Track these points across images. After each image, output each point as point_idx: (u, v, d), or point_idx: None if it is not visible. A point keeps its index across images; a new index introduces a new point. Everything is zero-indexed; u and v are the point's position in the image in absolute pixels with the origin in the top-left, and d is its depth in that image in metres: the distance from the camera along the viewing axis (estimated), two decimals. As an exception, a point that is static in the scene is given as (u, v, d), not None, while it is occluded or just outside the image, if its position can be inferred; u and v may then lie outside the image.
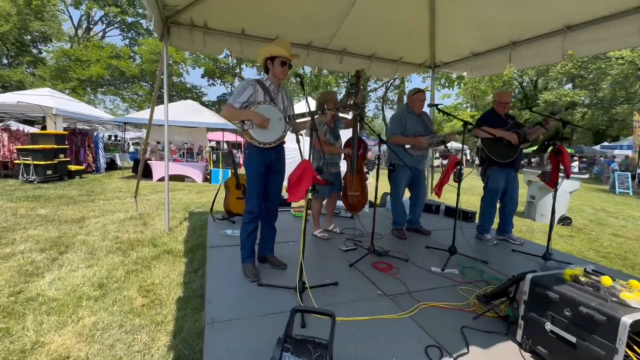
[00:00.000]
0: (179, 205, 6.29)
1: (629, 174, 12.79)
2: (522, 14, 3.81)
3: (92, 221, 4.76)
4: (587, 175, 10.47)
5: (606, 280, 1.46)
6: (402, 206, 3.57)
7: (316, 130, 2.18)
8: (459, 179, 2.85)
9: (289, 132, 2.42)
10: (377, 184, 2.83)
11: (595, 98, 24.37)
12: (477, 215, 3.87)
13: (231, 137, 17.49)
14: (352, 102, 2.76)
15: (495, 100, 3.47)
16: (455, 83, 21.06)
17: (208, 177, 10.54)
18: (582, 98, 24.04)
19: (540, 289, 1.62)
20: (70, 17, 32.32)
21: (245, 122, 2.28)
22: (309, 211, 3.39)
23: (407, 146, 3.34)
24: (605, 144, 22.05)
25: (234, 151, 5.78)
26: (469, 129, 2.90)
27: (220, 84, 30.58)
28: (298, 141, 2.13)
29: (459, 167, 2.87)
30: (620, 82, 20.42)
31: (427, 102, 3.40)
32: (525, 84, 30.66)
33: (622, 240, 5.13)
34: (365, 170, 3.33)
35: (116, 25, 29.57)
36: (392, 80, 27.39)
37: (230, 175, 4.06)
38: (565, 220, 5.88)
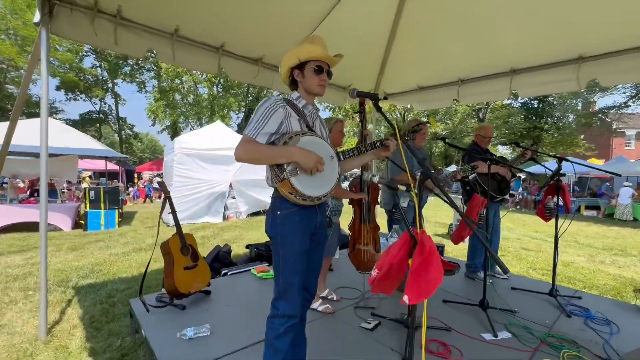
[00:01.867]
0: (49, 276, 4.12)
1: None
2: (472, 56, 4.05)
3: None
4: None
5: None
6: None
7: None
8: (485, 224, 2.53)
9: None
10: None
11: (446, 130, 30.85)
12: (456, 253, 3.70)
13: (113, 168, 13.94)
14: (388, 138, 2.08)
15: (478, 134, 3.43)
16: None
17: (81, 221, 7.76)
18: (442, 131, 29.96)
19: None
20: None
21: (286, 167, 1.35)
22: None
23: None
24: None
25: (159, 180, 4.24)
26: (488, 162, 2.66)
27: (85, 99, 24.83)
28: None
29: (484, 209, 2.55)
30: (463, 119, 26.37)
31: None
32: (396, 115, 36.28)
33: (533, 253, 6.00)
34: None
35: None
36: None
37: (172, 237, 2.70)
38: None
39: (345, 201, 2.68)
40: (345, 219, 2.73)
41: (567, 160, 2.79)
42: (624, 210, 11.78)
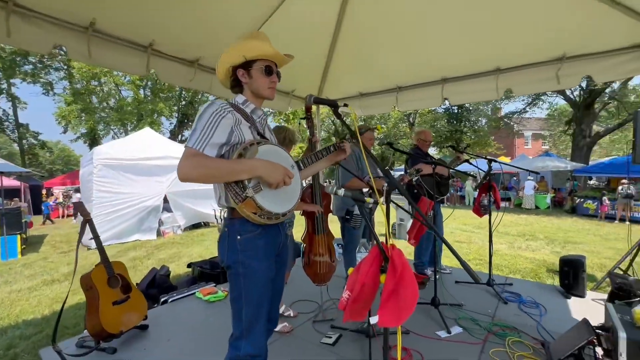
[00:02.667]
0: None
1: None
2: (408, 64, 4.30)
3: None
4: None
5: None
6: (356, 261, 3.05)
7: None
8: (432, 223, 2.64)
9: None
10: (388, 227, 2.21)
11: (381, 135, 32.85)
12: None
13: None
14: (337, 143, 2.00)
15: (419, 138, 3.61)
16: (291, 118, 22.91)
17: (-34, 253, 6.26)
18: (379, 135, 31.69)
19: (646, 348, 1.49)
20: None
21: (248, 183, 1.18)
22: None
23: (365, 190, 2.89)
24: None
25: (76, 201, 3.60)
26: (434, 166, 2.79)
27: None
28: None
29: (431, 211, 2.67)
30: (396, 124, 28.31)
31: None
32: (335, 120, 37.44)
33: (465, 245, 6.60)
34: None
35: None
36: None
37: (95, 268, 2.25)
38: (425, 236, 7.04)
39: (297, 211, 2.56)
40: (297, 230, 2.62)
41: (496, 162, 3.08)
42: (529, 200, 13.78)
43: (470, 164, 3.26)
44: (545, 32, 3.26)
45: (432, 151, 29.93)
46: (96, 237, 2.33)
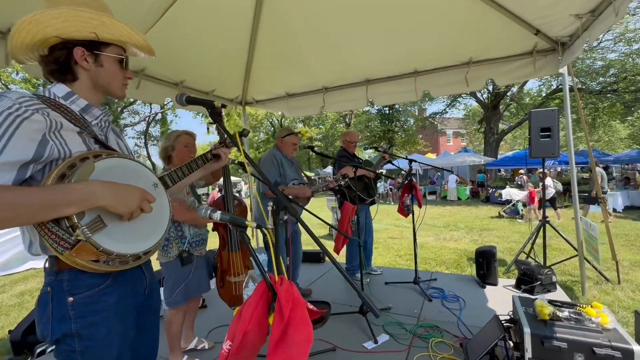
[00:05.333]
0: None
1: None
2: (333, 65, 4.23)
3: None
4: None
5: (592, 312, 1.57)
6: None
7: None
8: (357, 229, 2.55)
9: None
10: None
11: (320, 134, 33.30)
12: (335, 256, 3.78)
13: None
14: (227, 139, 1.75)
15: (345, 140, 3.54)
16: (226, 120, 21.84)
17: None
18: (316, 135, 31.98)
19: (547, 341, 1.54)
20: None
21: (78, 219, 0.80)
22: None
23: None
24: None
25: None
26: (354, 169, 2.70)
27: None
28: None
29: (355, 216, 2.57)
30: (333, 125, 28.95)
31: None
32: (274, 121, 36.88)
33: (397, 241, 6.86)
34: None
35: None
36: (154, 115, 24.62)
37: None
38: (361, 235, 7.16)
39: (209, 226, 2.24)
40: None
41: (415, 161, 3.14)
42: (452, 193, 15.16)
43: (392, 163, 3.29)
44: (455, 38, 3.44)
45: (370, 152, 31.36)
46: None
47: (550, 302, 1.80)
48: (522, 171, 12.54)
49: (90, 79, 0.99)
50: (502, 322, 1.89)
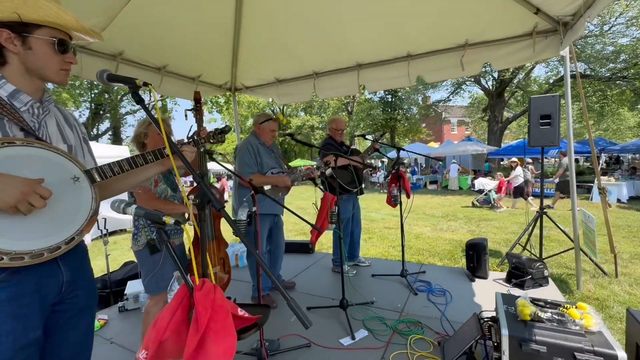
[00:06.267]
0: None
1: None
2: (322, 48, 4.04)
3: None
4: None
5: (574, 314, 1.45)
6: (266, 265, 2.73)
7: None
8: (337, 220, 2.43)
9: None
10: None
11: (322, 123, 32.96)
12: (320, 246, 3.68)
13: None
14: (211, 133, 1.59)
15: (331, 127, 3.39)
16: (225, 108, 21.65)
17: None
18: (318, 123, 31.66)
19: (525, 344, 1.43)
20: None
21: None
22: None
23: (266, 187, 2.55)
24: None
25: None
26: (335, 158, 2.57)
27: None
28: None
29: (335, 207, 2.44)
30: (335, 113, 28.56)
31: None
32: (276, 110, 36.52)
33: (393, 231, 6.76)
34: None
35: None
36: (153, 103, 24.40)
37: None
38: (356, 225, 7.06)
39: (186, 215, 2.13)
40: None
41: (403, 149, 3.00)
42: (454, 182, 14.96)
43: (379, 152, 3.15)
44: (450, 19, 3.24)
45: (371, 139, 30.97)
46: None
47: (534, 301, 1.68)
48: (514, 159, 12.22)
49: (21, 63, 0.95)
50: (485, 319, 1.78)
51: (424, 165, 19.78)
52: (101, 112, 20.73)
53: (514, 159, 9.70)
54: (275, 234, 2.83)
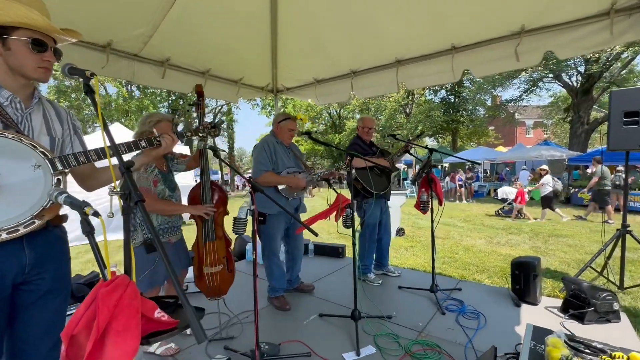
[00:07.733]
0: None
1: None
2: (359, 45, 3.87)
3: None
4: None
5: (620, 367, 1.11)
6: (280, 266, 2.70)
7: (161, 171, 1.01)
8: (352, 224, 2.27)
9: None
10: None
11: (378, 126, 32.16)
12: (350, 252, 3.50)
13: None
14: (201, 127, 1.60)
15: (359, 126, 3.23)
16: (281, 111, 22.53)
17: None
18: (378, 127, 31.04)
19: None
20: None
21: None
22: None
23: (281, 187, 2.52)
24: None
25: None
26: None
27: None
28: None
29: (348, 210, 2.28)
30: (392, 115, 27.66)
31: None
32: (332, 112, 36.82)
33: (441, 241, 6.22)
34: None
35: None
36: (219, 107, 26.45)
37: None
38: (400, 232, 6.67)
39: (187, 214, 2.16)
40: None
41: (436, 151, 2.69)
42: (523, 191, 13.28)
43: (410, 154, 2.88)
44: (502, 3, 2.85)
45: (430, 141, 29.25)
46: None
47: (573, 340, 1.32)
48: (620, 168, 10.23)
49: (4, 62, 1.06)
50: (507, 355, 1.47)
51: (488, 172, 17.93)
52: (176, 115, 23.25)
53: (544, 167, 8.82)
54: (292, 235, 2.77)
